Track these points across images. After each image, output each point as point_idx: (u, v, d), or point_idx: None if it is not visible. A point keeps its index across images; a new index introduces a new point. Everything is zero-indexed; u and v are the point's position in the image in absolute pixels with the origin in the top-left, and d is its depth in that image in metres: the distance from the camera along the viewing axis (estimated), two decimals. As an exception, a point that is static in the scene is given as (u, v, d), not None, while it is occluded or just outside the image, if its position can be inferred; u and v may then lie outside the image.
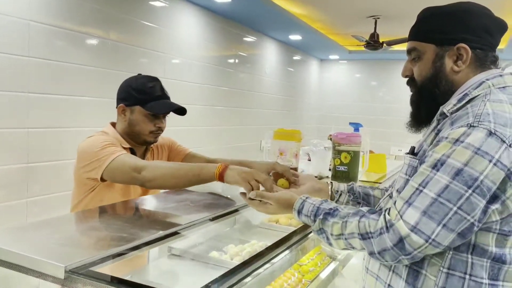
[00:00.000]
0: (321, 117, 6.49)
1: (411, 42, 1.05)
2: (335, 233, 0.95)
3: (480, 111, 0.89)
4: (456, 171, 0.84)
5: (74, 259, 0.80)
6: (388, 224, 0.87)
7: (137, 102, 1.52)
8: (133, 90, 1.53)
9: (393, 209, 0.88)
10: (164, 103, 1.57)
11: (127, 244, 0.91)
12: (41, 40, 2.11)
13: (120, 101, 1.56)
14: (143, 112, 1.53)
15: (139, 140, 1.57)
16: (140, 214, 1.26)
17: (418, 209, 0.85)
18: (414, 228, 0.84)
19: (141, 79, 1.57)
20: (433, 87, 1.00)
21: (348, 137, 1.84)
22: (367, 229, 0.90)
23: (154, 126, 1.56)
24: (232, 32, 3.98)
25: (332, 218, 0.97)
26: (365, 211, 0.95)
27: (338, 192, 1.27)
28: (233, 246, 1.46)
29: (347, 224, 0.93)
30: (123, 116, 1.55)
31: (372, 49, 4.04)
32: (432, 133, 0.98)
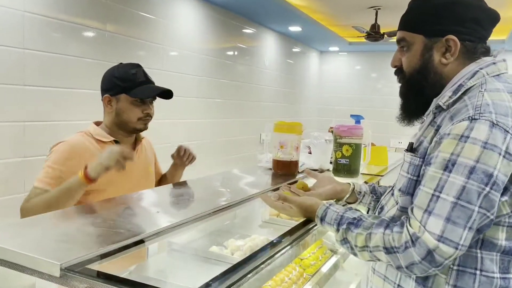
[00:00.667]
0: (320, 109, 6.46)
1: (401, 32, 1.02)
2: (359, 244, 0.92)
3: (479, 102, 0.86)
4: (469, 170, 0.81)
5: (70, 256, 0.77)
6: (413, 238, 0.83)
7: (121, 90, 1.51)
8: (116, 79, 1.52)
9: (414, 220, 0.85)
10: (149, 87, 1.56)
11: (125, 240, 0.89)
12: (36, 31, 2.07)
13: (104, 92, 1.55)
14: (129, 99, 1.52)
15: (128, 129, 1.56)
16: (138, 209, 1.23)
17: (440, 217, 0.82)
18: (441, 238, 0.81)
19: (123, 67, 1.56)
20: (421, 79, 0.98)
21: (349, 130, 1.81)
22: (391, 243, 0.86)
23: (142, 112, 1.55)
24: (231, 23, 3.92)
25: (356, 229, 0.94)
26: (388, 220, 0.92)
27: (361, 194, 1.24)
28: (234, 241, 1.44)
29: (371, 236, 0.90)
30: (110, 107, 1.54)
31: (373, 40, 4.00)
32: (430, 127, 0.95)
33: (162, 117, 3.02)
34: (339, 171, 1.82)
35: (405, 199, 0.96)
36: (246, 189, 1.60)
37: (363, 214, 0.98)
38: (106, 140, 1.54)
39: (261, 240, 1.47)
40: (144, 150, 1.72)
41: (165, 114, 3.04)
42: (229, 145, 4.07)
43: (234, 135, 4.13)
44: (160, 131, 3.01)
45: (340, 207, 1.02)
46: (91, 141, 1.52)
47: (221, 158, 3.90)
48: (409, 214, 0.88)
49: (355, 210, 1.01)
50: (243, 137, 4.30)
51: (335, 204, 1.04)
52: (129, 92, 1.51)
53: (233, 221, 1.66)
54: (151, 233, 0.96)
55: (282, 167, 1.79)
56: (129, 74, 1.52)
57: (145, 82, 1.55)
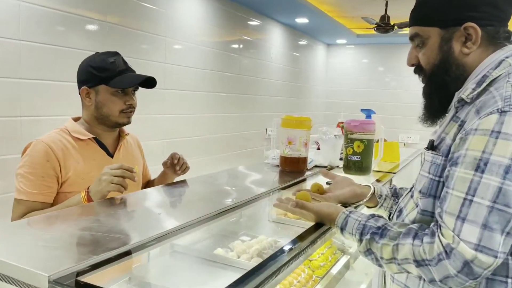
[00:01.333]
0: (327, 103, 6.36)
1: (413, 28, 0.94)
2: (386, 256, 0.84)
3: (508, 93, 0.79)
4: (505, 169, 0.73)
5: (60, 266, 0.70)
6: (447, 249, 0.75)
7: (100, 81, 1.40)
8: (94, 69, 1.41)
9: (446, 229, 0.77)
10: (130, 76, 1.44)
11: (122, 247, 0.81)
12: (33, 22, 1.98)
13: (81, 84, 1.44)
14: (109, 90, 1.41)
15: (110, 123, 1.45)
16: (137, 211, 1.15)
17: (476, 223, 0.73)
18: (478, 247, 0.73)
19: (100, 55, 1.45)
20: (443, 74, 0.91)
21: (361, 125, 1.72)
22: (422, 255, 0.78)
23: (124, 104, 1.44)
24: (236, 15, 3.83)
25: (381, 239, 0.86)
26: (416, 228, 0.84)
27: (382, 197, 1.16)
28: (240, 243, 1.37)
29: (399, 247, 0.82)
30: (88, 99, 1.43)
31: (382, 32, 3.88)
32: (452, 123, 0.87)
33: (164, 112, 2.95)
34: (350, 168, 1.75)
35: (427, 201, 0.89)
36: (252, 188, 1.53)
37: (388, 222, 0.90)
38: (84, 138, 1.43)
39: (269, 242, 1.39)
40: (129, 147, 1.60)
41: (167, 109, 2.97)
42: (234, 140, 3.99)
43: (239, 130, 4.05)
44: (163, 126, 2.94)
45: (362, 215, 0.94)
46: (67, 138, 1.41)
47: (225, 154, 3.82)
48: (439, 222, 0.79)
49: (378, 217, 0.93)
50: (248, 132, 4.22)
51: (356, 211, 0.97)
52: (109, 82, 1.39)
53: (239, 220, 1.58)
54: (151, 239, 0.88)
55: (290, 164, 1.72)
56: (107, 63, 1.41)
57: (125, 71, 1.43)
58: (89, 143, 1.44)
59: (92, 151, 1.44)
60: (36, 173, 1.33)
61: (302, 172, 1.72)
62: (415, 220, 0.91)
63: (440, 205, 0.81)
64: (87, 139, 1.43)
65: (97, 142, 1.46)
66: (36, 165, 1.34)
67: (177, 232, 0.98)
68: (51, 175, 1.35)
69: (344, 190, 1.19)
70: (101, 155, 1.46)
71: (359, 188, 1.20)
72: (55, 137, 1.40)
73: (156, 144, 2.88)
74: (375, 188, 1.19)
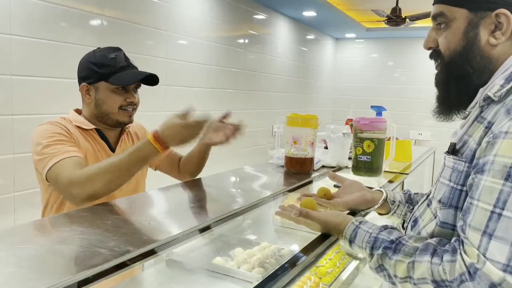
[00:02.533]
0: (335, 99, 6.24)
1: (438, 6, 0.84)
2: (400, 275, 0.75)
3: None
4: None
5: (31, 286, 0.61)
6: (470, 270, 0.65)
7: (100, 78, 1.35)
8: (94, 65, 1.35)
9: (469, 246, 0.67)
10: (131, 72, 1.38)
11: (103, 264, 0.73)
12: (25, 15, 1.90)
13: (81, 80, 1.39)
14: (109, 87, 1.35)
15: (111, 121, 1.39)
16: (127, 219, 1.07)
17: (505, 241, 0.64)
18: (508, 267, 0.63)
19: (101, 51, 1.40)
20: (464, 63, 0.80)
21: (371, 123, 1.62)
22: (442, 275, 0.69)
23: (125, 101, 1.37)
24: (242, 8, 3.72)
25: (395, 255, 0.77)
26: (435, 243, 0.74)
27: (394, 203, 1.07)
28: (241, 251, 1.27)
29: (415, 265, 0.73)
30: (88, 96, 1.38)
31: (393, 25, 3.74)
32: (477, 124, 0.77)
33: (166, 109, 2.87)
34: (359, 169, 1.65)
35: (447, 212, 0.79)
36: (255, 191, 1.44)
37: (402, 235, 0.80)
38: (86, 128, 1.37)
39: (272, 250, 1.30)
40: (134, 138, 1.54)
41: (169, 105, 2.88)
42: (240, 137, 3.90)
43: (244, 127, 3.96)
44: (166, 123, 2.86)
45: (374, 226, 0.84)
46: (71, 126, 1.36)
47: (231, 151, 3.73)
48: (461, 237, 0.69)
49: (391, 229, 0.83)
50: (254, 129, 4.12)
51: (367, 222, 0.87)
52: (109, 79, 1.34)
53: (240, 226, 1.49)
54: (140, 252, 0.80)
55: (295, 165, 1.63)
56: (107, 59, 1.35)
57: (126, 67, 1.38)
58: (92, 134, 1.39)
59: (95, 143, 1.39)
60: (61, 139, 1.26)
61: (309, 173, 1.62)
62: (434, 233, 0.81)
63: (463, 218, 0.71)
64: (89, 130, 1.39)
65: (99, 134, 1.41)
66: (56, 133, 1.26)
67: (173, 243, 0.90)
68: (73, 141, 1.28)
69: (353, 195, 1.10)
70: (103, 149, 1.41)
71: (370, 194, 1.11)
72: (59, 121, 1.34)
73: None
74: (387, 193, 1.10)
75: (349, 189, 1.14)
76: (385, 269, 0.79)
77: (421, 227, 0.87)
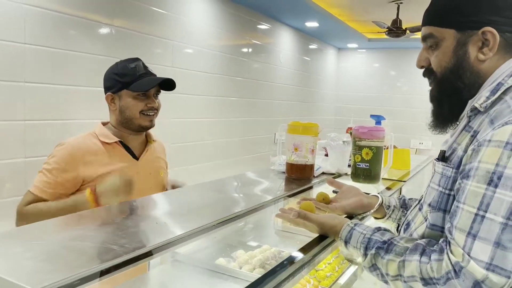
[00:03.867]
0: (337, 108, 6.29)
1: (427, 27, 0.89)
2: (391, 273, 0.80)
3: None
4: None
5: (47, 280, 0.66)
6: (456, 268, 0.70)
7: (122, 86, 1.47)
8: (116, 75, 1.48)
9: (455, 246, 0.72)
10: (149, 79, 1.50)
11: (115, 259, 0.78)
12: (38, 25, 1.98)
13: (106, 90, 1.52)
14: (131, 94, 1.48)
15: (134, 126, 1.51)
16: (135, 219, 1.12)
17: (488, 241, 0.68)
18: (490, 266, 0.68)
19: (122, 62, 1.53)
20: (456, 80, 0.86)
21: (370, 132, 1.67)
22: (429, 273, 0.74)
23: (145, 106, 1.50)
24: (246, 19, 3.80)
25: (387, 255, 0.82)
26: (424, 244, 0.79)
27: (390, 208, 1.12)
28: (243, 252, 1.33)
29: (405, 264, 0.78)
30: (113, 105, 1.51)
31: (394, 36, 3.81)
32: (464, 133, 0.82)
33: (172, 116, 2.93)
34: (358, 176, 1.70)
35: (436, 215, 0.84)
36: (257, 196, 1.49)
37: (394, 236, 0.86)
38: (109, 141, 1.50)
39: (272, 252, 1.35)
40: (156, 152, 1.66)
41: (177, 113, 2.95)
42: (243, 144, 3.96)
43: (248, 135, 4.02)
44: (172, 130, 2.92)
45: (368, 228, 0.89)
46: (95, 142, 1.49)
47: (234, 158, 3.79)
48: (448, 238, 0.75)
49: (384, 230, 0.88)
50: (257, 137, 4.18)
51: (362, 224, 0.92)
52: (129, 86, 1.47)
53: (242, 229, 1.54)
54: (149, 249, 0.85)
55: (296, 171, 1.67)
56: (128, 69, 1.48)
57: (145, 75, 1.50)
58: (115, 146, 1.51)
59: (118, 153, 1.51)
60: (55, 177, 1.41)
61: (309, 180, 1.67)
62: (424, 235, 0.86)
63: (450, 220, 0.76)
64: (113, 143, 1.50)
65: (123, 146, 1.53)
66: (56, 169, 1.41)
67: (178, 242, 0.94)
68: (67, 180, 1.41)
69: (350, 200, 1.15)
70: (127, 158, 1.53)
71: (366, 198, 1.15)
72: (81, 142, 1.47)
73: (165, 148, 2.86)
74: (383, 198, 1.15)
75: (346, 194, 1.18)
76: (378, 268, 0.83)
77: (412, 229, 0.92)
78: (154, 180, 1.61)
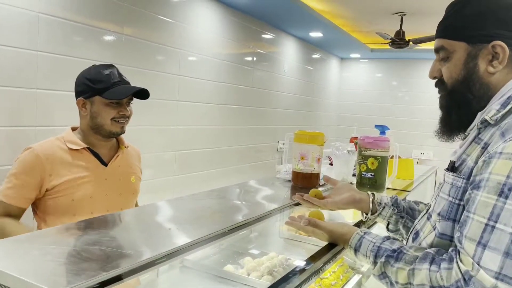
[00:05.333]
0: (340, 117, 6.32)
1: (439, 40, 0.92)
2: (401, 281, 0.82)
3: None
4: None
5: (67, 282, 0.69)
6: (465, 277, 0.72)
7: (95, 93, 1.47)
8: (89, 81, 1.48)
9: (465, 255, 0.73)
10: (123, 88, 1.50)
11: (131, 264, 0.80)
12: (51, 33, 2.01)
13: (78, 95, 1.51)
14: (103, 101, 1.47)
15: (104, 132, 1.51)
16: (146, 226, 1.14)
17: (497, 251, 0.70)
18: (499, 275, 0.69)
19: (96, 68, 1.52)
20: (465, 91, 0.88)
21: (375, 142, 1.69)
22: (439, 282, 0.75)
23: (118, 113, 1.49)
24: (251, 28, 3.85)
25: (396, 263, 0.83)
26: (433, 252, 0.81)
27: (381, 205, 1.14)
28: (250, 260, 1.34)
29: (415, 272, 0.79)
30: (84, 110, 1.50)
31: (397, 47, 3.85)
32: (475, 144, 0.84)
33: (177, 123, 2.96)
34: (363, 185, 1.71)
35: (445, 225, 0.86)
36: (263, 204, 1.50)
37: (403, 245, 0.88)
38: (77, 148, 1.49)
39: (279, 260, 1.37)
40: (129, 158, 1.65)
41: (180, 120, 2.98)
42: (247, 152, 3.98)
43: (251, 142, 4.04)
44: (176, 138, 2.95)
45: (377, 236, 0.91)
46: (62, 147, 1.48)
47: (238, 166, 3.81)
48: (458, 247, 0.76)
49: (393, 239, 0.90)
50: (261, 145, 4.20)
51: (371, 233, 0.94)
52: (103, 93, 1.46)
53: (249, 236, 1.56)
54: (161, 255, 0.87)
55: (302, 180, 1.69)
56: (102, 75, 1.47)
57: (119, 83, 1.49)
58: (83, 152, 1.50)
59: (85, 160, 1.50)
60: (19, 179, 1.41)
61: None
62: (433, 244, 0.88)
63: (460, 230, 0.78)
64: (81, 149, 1.49)
65: (91, 152, 1.51)
66: (21, 173, 1.42)
67: (188, 249, 0.96)
68: (32, 185, 1.42)
69: (343, 196, 1.18)
70: (94, 164, 1.52)
71: (358, 194, 1.19)
72: (49, 146, 1.46)
73: (169, 155, 2.88)
74: (374, 194, 1.17)
75: (339, 190, 1.22)
76: (387, 276, 0.85)
77: (421, 238, 0.93)
78: (124, 186, 1.60)
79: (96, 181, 1.49)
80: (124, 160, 1.61)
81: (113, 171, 1.55)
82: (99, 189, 1.49)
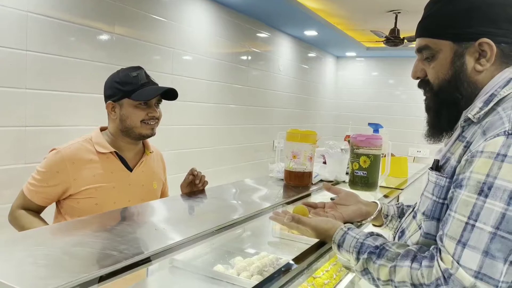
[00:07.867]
0: (336, 116, 6.32)
1: (422, 39, 0.90)
2: (382, 278, 0.81)
3: None
4: (509, 194, 0.69)
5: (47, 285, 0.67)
6: (445, 274, 0.71)
7: (124, 95, 1.46)
8: (118, 84, 1.47)
9: (445, 253, 0.73)
10: (151, 89, 1.49)
11: (115, 264, 0.79)
12: (40, 33, 2.00)
13: (107, 98, 1.50)
14: (132, 103, 1.46)
15: (134, 135, 1.50)
16: (135, 225, 1.13)
17: (477, 250, 0.70)
18: (478, 274, 0.69)
19: (124, 70, 1.51)
20: (453, 91, 0.86)
21: (367, 140, 1.69)
22: (420, 279, 0.75)
23: (146, 115, 1.49)
24: (245, 27, 3.84)
25: (378, 260, 0.82)
26: (415, 250, 0.80)
27: (388, 217, 1.12)
28: (241, 259, 1.33)
29: (396, 269, 0.79)
30: (114, 113, 1.50)
31: (392, 45, 3.85)
32: (458, 142, 0.83)
33: (172, 123, 2.95)
34: (355, 184, 1.71)
35: (430, 224, 0.85)
36: (255, 203, 1.50)
37: (386, 242, 0.87)
38: (105, 151, 1.48)
39: (270, 259, 1.36)
40: (152, 163, 1.65)
41: (175, 120, 2.97)
42: (242, 151, 3.97)
43: (247, 142, 4.03)
44: (171, 137, 2.94)
45: (361, 232, 0.90)
46: (89, 149, 1.48)
47: (233, 165, 3.80)
48: (439, 245, 0.76)
49: (377, 235, 0.89)
50: (256, 144, 4.20)
51: (355, 228, 0.93)
52: (131, 95, 1.45)
53: (240, 236, 1.55)
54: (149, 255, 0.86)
55: (294, 179, 1.69)
56: (130, 77, 1.47)
57: (147, 84, 1.49)
58: (109, 156, 1.50)
59: (111, 164, 1.50)
60: (42, 179, 1.43)
61: (307, 187, 1.68)
62: (418, 243, 0.87)
63: (442, 228, 0.77)
64: (107, 153, 1.49)
65: (118, 156, 1.51)
66: (45, 172, 1.43)
67: (177, 248, 0.95)
68: (53, 188, 1.43)
69: (349, 209, 1.13)
70: (120, 169, 1.51)
71: (365, 207, 1.14)
72: (76, 148, 1.47)
73: (165, 155, 2.85)
74: (382, 206, 1.15)
75: (345, 201, 1.17)
76: (370, 273, 0.84)
77: (407, 237, 0.93)
78: (146, 192, 1.59)
79: (120, 187, 1.49)
80: (147, 165, 1.61)
81: (137, 177, 1.55)
82: (123, 195, 1.49)
